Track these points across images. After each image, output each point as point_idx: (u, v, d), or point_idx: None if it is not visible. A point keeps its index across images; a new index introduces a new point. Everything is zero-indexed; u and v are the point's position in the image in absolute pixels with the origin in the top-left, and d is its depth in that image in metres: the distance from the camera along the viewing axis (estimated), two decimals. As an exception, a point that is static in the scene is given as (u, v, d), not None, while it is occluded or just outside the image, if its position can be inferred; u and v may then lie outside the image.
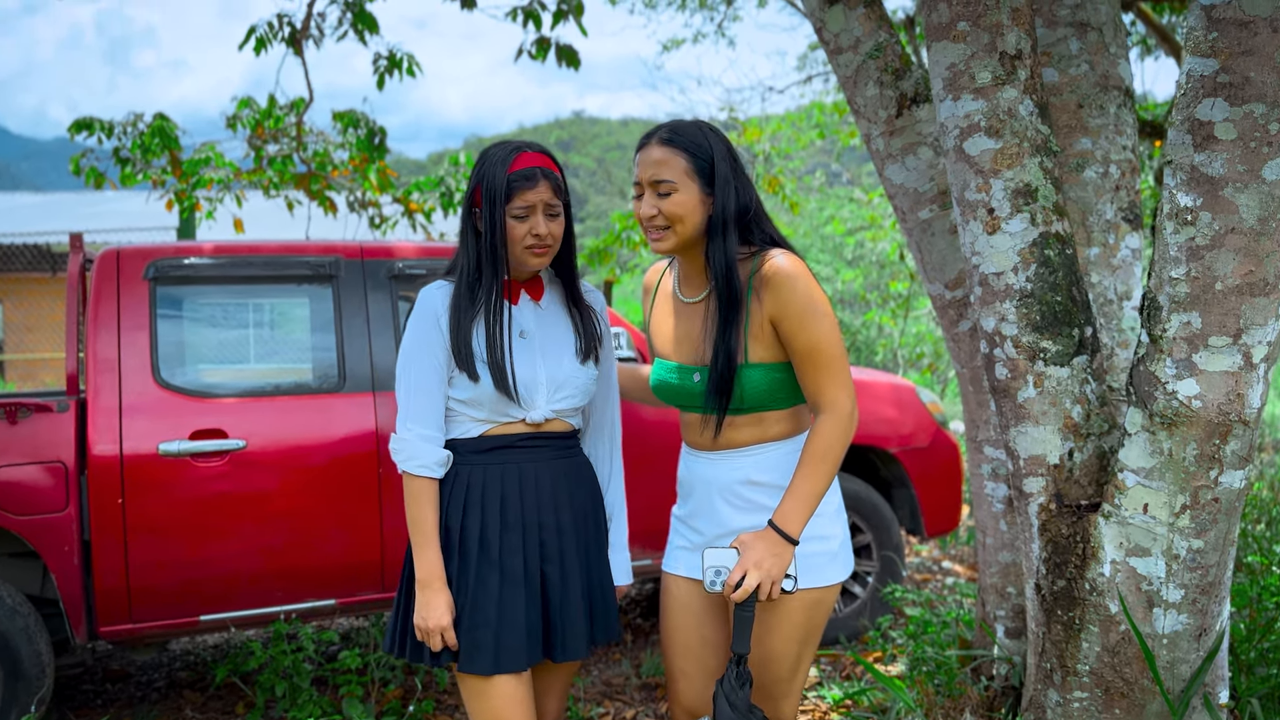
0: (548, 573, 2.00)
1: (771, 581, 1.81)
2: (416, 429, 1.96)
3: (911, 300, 10.92)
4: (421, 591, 1.93)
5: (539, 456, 2.01)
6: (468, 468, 1.99)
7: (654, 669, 3.88)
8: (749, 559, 1.82)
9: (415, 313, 1.98)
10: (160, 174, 6.34)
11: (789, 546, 1.84)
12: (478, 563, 1.96)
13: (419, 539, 1.94)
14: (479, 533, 1.96)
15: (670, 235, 1.95)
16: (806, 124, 9.86)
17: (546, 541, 2.00)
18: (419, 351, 1.96)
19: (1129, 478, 2.15)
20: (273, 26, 5.68)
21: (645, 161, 1.95)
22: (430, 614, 1.92)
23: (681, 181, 1.92)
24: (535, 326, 2.04)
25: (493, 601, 1.94)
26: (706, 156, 1.94)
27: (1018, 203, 2.30)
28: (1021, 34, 2.32)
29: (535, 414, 1.99)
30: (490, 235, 1.95)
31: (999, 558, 2.87)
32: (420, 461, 1.95)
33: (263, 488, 3.34)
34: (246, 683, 3.76)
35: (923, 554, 5.85)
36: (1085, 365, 2.30)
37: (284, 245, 3.64)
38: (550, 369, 2.01)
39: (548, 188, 1.95)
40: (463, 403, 1.98)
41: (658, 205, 1.93)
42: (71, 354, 3.43)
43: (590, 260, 8.64)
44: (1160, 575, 2.14)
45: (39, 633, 3.15)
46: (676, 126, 1.96)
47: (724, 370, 1.92)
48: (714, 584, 1.86)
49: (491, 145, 2.03)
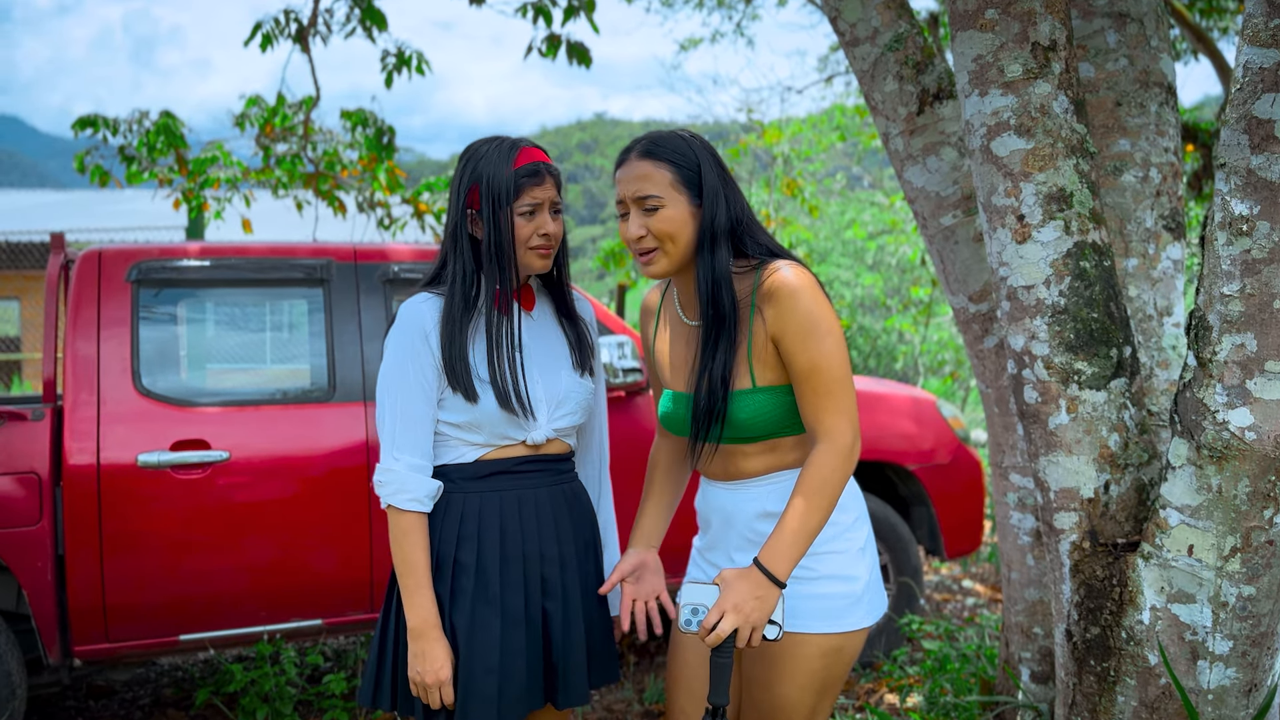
0: (549, 610, 1.83)
1: (751, 627, 1.62)
2: (405, 459, 1.77)
3: (933, 306, 10.69)
4: (417, 641, 1.74)
5: (539, 482, 1.85)
6: (461, 495, 1.81)
7: (657, 695, 3.70)
8: (728, 600, 1.63)
9: (399, 330, 1.79)
10: (167, 172, 6.22)
11: (774, 589, 1.64)
12: (474, 601, 1.78)
13: (410, 582, 1.75)
14: (475, 567, 1.79)
15: (661, 257, 1.77)
16: (827, 126, 9.66)
17: (549, 576, 1.83)
18: (405, 373, 1.77)
19: (1172, 515, 1.94)
20: (279, 23, 5.55)
21: (627, 178, 1.77)
22: (428, 666, 1.73)
23: (668, 195, 1.74)
24: (529, 339, 1.87)
25: (494, 647, 1.76)
26: (693, 166, 1.76)
27: (1050, 209, 2.09)
28: (1056, 23, 2.11)
29: (536, 434, 1.83)
30: (494, 237, 1.78)
31: (1025, 594, 2.66)
32: (411, 495, 1.76)
33: (247, 501, 3.19)
34: (230, 705, 3.61)
35: (942, 572, 5.64)
36: (1124, 389, 2.09)
37: (274, 247, 3.48)
38: (548, 384, 1.85)
39: (552, 184, 1.83)
40: (457, 426, 1.80)
41: (645, 224, 1.75)
42: (49, 359, 3.29)
43: (605, 263, 8.49)
44: (1206, 624, 1.93)
45: (10, 651, 3.01)
46: (656, 137, 1.79)
47: (708, 396, 1.74)
48: (689, 623, 1.66)
49: (478, 142, 1.86)
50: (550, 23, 5.11)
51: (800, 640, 1.76)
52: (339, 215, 6.43)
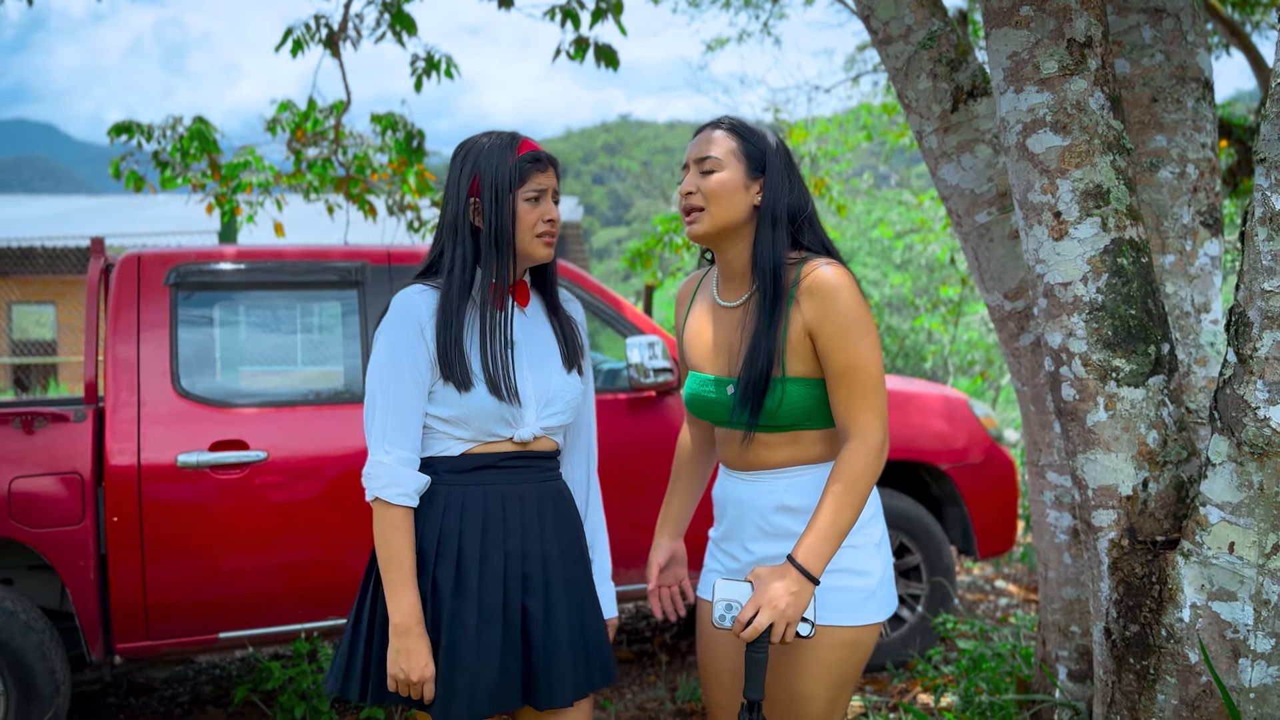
0: (530, 608, 1.80)
1: (787, 623, 1.65)
2: (396, 452, 1.75)
3: (962, 305, 10.62)
4: (400, 638, 1.72)
5: (523, 478, 1.83)
6: (445, 488, 1.79)
7: (689, 694, 3.70)
8: (763, 596, 1.66)
9: (391, 321, 1.78)
10: (200, 177, 6.30)
11: (809, 585, 1.67)
12: (453, 596, 1.76)
13: (395, 576, 1.73)
14: (455, 561, 1.77)
15: (704, 217, 1.83)
16: (854, 125, 9.62)
17: (530, 573, 1.81)
18: (399, 365, 1.75)
19: (1212, 513, 1.93)
20: (309, 28, 5.61)
21: (696, 142, 1.87)
22: (412, 664, 1.71)
23: (726, 160, 1.82)
24: (521, 336, 1.87)
25: (470, 643, 1.74)
26: (759, 144, 1.84)
27: (1087, 205, 2.08)
28: (1092, 19, 2.10)
29: (524, 431, 1.82)
30: (496, 225, 1.79)
31: (1062, 593, 2.65)
32: (400, 489, 1.74)
33: (284, 501, 3.23)
34: (268, 702, 3.65)
35: (974, 572, 5.61)
36: (1162, 386, 2.08)
37: (309, 250, 3.53)
38: (538, 381, 1.84)
39: (554, 173, 1.86)
40: (445, 421, 1.79)
41: (697, 183, 1.83)
42: (90, 361, 3.35)
43: (632, 263, 8.49)
44: (1247, 623, 1.92)
45: (54, 649, 3.06)
46: (735, 118, 1.88)
47: (758, 376, 1.76)
48: (723, 619, 1.70)
49: (475, 136, 1.88)
50: (578, 25, 5.13)
51: (816, 633, 1.77)
52: (369, 219, 6.48)
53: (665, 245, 7.94)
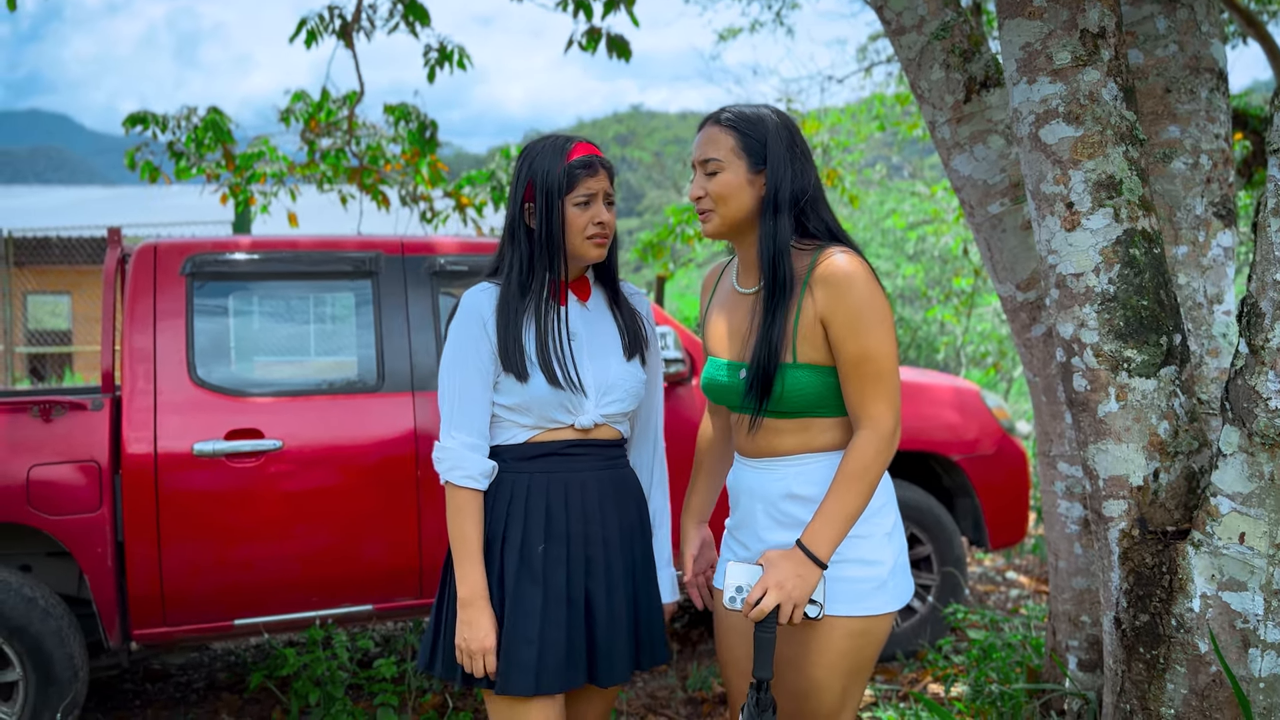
0: (592, 590, 1.90)
1: (793, 604, 1.70)
2: (461, 437, 1.87)
3: (975, 297, 10.59)
4: (464, 610, 1.84)
5: (586, 465, 1.92)
6: (511, 475, 1.90)
7: (700, 682, 3.73)
8: (771, 578, 1.71)
9: (459, 317, 1.91)
10: (214, 168, 6.33)
11: (816, 569, 1.72)
12: (518, 576, 1.86)
13: (462, 554, 1.85)
14: (520, 544, 1.87)
15: (714, 217, 1.87)
16: (866, 116, 9.58)
17: (592, 556, 1.90)
18: (463, 356, 1.88)
19: (1223, 503, 1.93)
20: (323, 19, 5.62)
21: (698, 142, 1.90)
22: (474, 635, 1.82)
23: (728, 160, 1.84)
24: (583, 328, 1.96)
25: (535, 618, 1.84)
26: (758, 135, 1.84)
27: (1100, 196, 2.09)
28: (1105, 10, 2.10)
29: (584, 418, 1.90)
30: (546, 229, 1.88)
31: (1073, 583, 2.65)
32: (465, 471, 1.86)
33: (299, 489, 3.26)
34: (282, 689, 3.69)
35: (985, 563, 5.61)
36: (1173, 377, 2.08)
37: (324, 241, 3.54)
38: (598, 371, 1.92)
39: (605, 177, 1.93)
40: (509, 409, 1.89)
41: (704, 186, 1.86)
42: (107, 350, 3.38)
43: (643, 255, 8.49)
44: (1257, 613, 1.92)
45: (73, 635, 3.10)
46: (733, 107, 1.89)
47: (765, 363, 1.79)
48: (733, 600, 1.76)
49: (535, 140, 1.96)
50: (590, 16, 5.13)
51: (827, 623, 1.80)
52: (382, 209, 6.51)
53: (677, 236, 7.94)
